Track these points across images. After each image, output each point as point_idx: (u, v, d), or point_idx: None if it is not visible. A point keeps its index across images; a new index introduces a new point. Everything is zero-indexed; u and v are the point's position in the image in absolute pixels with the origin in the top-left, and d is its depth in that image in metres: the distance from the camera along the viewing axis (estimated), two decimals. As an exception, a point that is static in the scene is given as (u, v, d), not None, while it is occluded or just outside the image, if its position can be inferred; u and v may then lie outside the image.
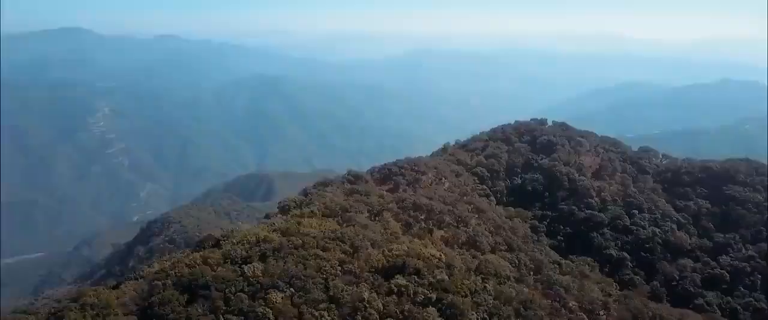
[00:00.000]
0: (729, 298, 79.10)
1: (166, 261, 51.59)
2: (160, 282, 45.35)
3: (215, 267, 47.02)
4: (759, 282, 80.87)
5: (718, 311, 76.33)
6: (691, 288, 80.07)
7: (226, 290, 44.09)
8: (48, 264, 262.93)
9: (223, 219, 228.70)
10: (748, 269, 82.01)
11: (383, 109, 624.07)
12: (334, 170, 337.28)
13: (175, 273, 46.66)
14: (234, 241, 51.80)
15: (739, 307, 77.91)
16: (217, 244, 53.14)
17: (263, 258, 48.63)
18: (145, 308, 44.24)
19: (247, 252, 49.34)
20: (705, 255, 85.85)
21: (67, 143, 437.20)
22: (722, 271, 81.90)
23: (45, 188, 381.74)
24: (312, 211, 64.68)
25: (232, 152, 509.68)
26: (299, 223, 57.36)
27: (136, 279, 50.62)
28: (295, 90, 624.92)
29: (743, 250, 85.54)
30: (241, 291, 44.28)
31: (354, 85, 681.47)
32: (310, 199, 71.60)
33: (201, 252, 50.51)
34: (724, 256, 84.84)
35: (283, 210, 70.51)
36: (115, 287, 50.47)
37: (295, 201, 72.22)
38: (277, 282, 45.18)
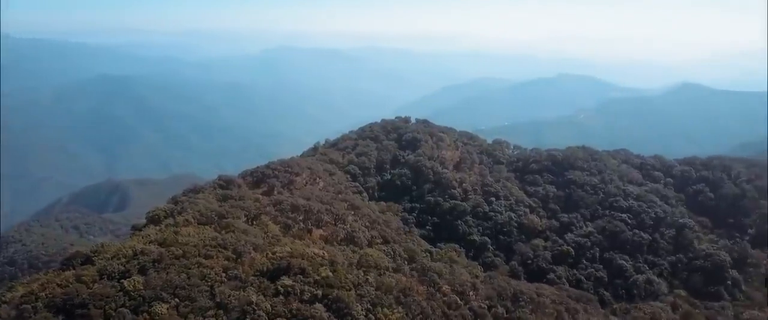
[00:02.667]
0: (575, 271, 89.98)
1: (32, 282, 47.62)
2: (29, 306, 42.01)
3: (91, 285, 44.49)
4: (597, 254, 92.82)
5: (566, 282, 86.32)
6: (544, 265, 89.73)
7: (106, 307, 41.99)
8: None
9: (71, 234, 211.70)
10: (589, 244, 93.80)
11: (246, 108, 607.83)
12: (196, 174, 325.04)
13: (45, 294, 43.47)
14: (108, 256, 49.24)
15: (582, 277, 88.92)
16: (88, 260, 50.12)
17: (143, 271, 46.88)
18: (13, 335, 40.82)
19: (124, 266, 47.22)
20: (553, 234, 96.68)
21: None
22: (568, 247, 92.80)
23: None
24: (187, 220, 62.91)
25: (77, 160, 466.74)
26: (176, 233, 55.83)
27: (-3, 305, 46.19)
28: (146, 90, 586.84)
29: (584, 227, 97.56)
30: (123, 306, 42.49)
31: (213, 83, 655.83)
32: (182, 207, 69.36)
33: (72, 270, 47.46)
34: (569, 234, 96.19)
35: (154, 220, 67.56)
36: (-27, 317, 45.74)
37: (166, 211, 69.41)
38: (161, 294, 43.95)
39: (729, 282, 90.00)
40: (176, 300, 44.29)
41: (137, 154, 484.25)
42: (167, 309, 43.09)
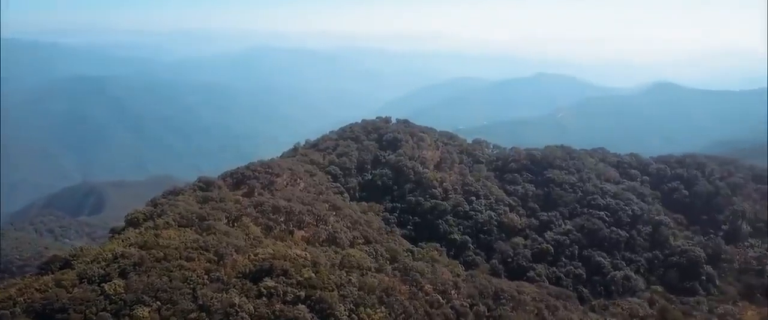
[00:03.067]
0: (554, 268, 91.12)
1: (9, 287, 46.78)
2: (7, 311, 41.33)
3: (71, 289, 44.01)
4: (576, 251, 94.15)
5: (545, 280, 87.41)
6: (524, 263, 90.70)
7: (87, 311, 41.60)
8: None
9: (46, 238, 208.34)
10: (567, 241, 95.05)
11: (224, 108, 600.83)
12: (173, 175, 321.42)
13: (24, 299, 42.83)
14: (87, 260, 48.71)
15: (562, 275, 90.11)
16: (67, 265, 49.48)
17: (123, 274, 46.49)
18: (-8, 341, 40.23)
19: (104, 270, 46.77)
20: (533, 232, 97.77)
21: None
22: (547, 245, 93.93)
23: None
24: (167, 222, 62.43)
25: (52, 162, 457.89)
26: (157, 235, 55.42)
27: (-26, 312, 45.32)
28: (123, 91, 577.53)
29: (563, 225, 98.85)
30: (104, 310, 42.11)
31: (191, 83, 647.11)
32: (162, 210, 68.77)
33: (50, 275, 46.84)
34: (548, 232, 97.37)
35: (133, 223, 66.83)
36: (-51, 324, 44.86)
37: (145, 213, 68.73)
38: (142, 297, 43.67)
39: (703, 278, 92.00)
40: (158, 303, 44.09)
41: (113, 155, 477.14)
42: (149, 312, 42.88)
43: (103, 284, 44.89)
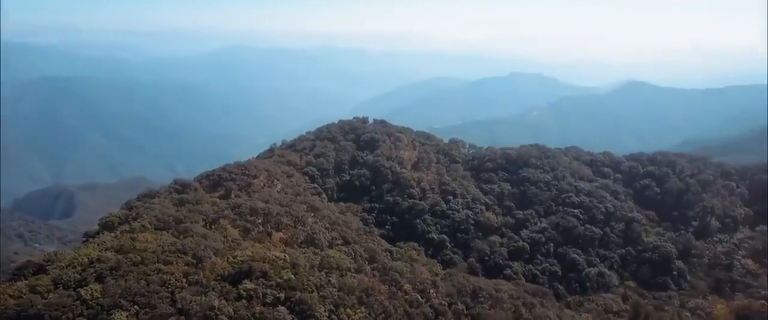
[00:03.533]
0: (530, 266, 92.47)
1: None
2: (-21, 319, 40.61)
3: (46, 294, 43.22)
4: (551, 249, 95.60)
5: (522, 278, 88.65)
6: (501, 261, 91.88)
7: (63, 316, 40.87)
8: None
9: (15, 243, 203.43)
10: (543, 239, 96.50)
11: (199, 108, 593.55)
12: (147, 177, 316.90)
13: (-4, 306, 42.04)
14: (62, 265, 47.88)
15: (538, 272, 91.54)
16: (41, 270, 48.58)
17: (100, 279, 45.82)
18: (-36, 350, 39.33)
19: (80, 274, 46.02)
20: (509, 230, 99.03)
21: None
22: (524, 243, 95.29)
23: None
24: (143, 225, 61.69)
25: (20, 165, 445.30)
26: (133, 239, 54.71)
27: (-55, 320, 44.23)
28: (93, 92, 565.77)
29: (538, 223, 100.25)
30: (80, 315, 41.46)
31: (164, 84, 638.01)
32: (138, 213, 67.88)
33: (24, 280, 45.94)
34: (524, 230, 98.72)
35: (108, 226, 65.89)
36: None
37: (120, 217, 67.81)
38: (120, 301, 43.09)
39: (675, 273, 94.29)
40: (136, 307, 43.53)
41: (84, 157, 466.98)
42: (127, 317, 42.36)
43: (80, 289, 44.15)
